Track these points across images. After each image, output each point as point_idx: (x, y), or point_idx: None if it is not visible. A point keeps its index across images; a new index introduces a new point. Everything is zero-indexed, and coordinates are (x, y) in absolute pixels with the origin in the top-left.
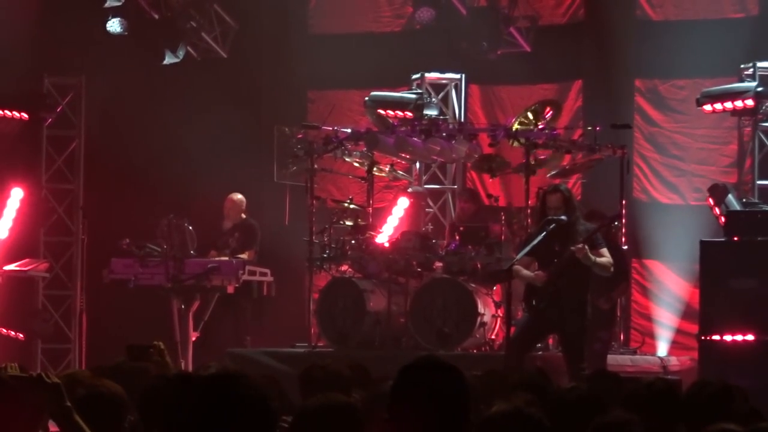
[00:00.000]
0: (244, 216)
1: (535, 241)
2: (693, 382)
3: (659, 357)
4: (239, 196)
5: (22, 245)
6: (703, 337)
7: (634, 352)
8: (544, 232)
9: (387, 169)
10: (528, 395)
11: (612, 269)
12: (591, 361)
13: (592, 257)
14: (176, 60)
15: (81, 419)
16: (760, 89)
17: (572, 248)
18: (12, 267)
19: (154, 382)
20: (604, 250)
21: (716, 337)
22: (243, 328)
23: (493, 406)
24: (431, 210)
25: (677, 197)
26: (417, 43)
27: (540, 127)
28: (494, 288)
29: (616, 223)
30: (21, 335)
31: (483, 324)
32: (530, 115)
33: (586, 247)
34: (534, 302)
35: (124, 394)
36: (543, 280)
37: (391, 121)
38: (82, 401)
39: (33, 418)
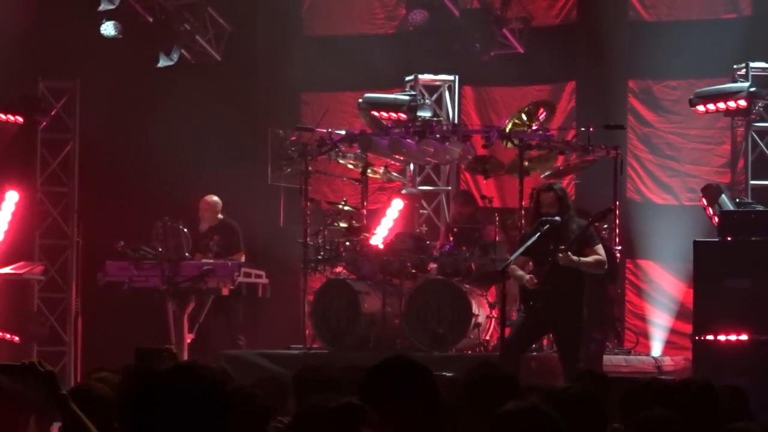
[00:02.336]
0: (221, 216)
1: (529, 242)
2: (679, 380)
3: (653, 357)
4: (214, 198)
5: (17, 248)
6: (697, 337)
7: (629, 353)
8: (538, 233)
9: (381, 170)
10: (538, 395)
11: (606, 266)
12: (586, 362)
13: (576, 259)
14: (170, 63)
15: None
16: (752, 89)
17: (557, 256)
18: (7, 270)
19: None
20: (599, 247)
21: (710, 337)
22: (235, 328)
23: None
24: (425, 211)
25: (671, 197)
26: (410, 44)
27: (533, 128)
28: (489, 289)
29: (608, 216)
30: (16, 338)
31: (477, 325)
32: (524, 117)
33: (569, 253)
34: (531, 302)
35: (113, 395)
36: (535, 285)
37: (384, 122)
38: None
39: (23, 414)
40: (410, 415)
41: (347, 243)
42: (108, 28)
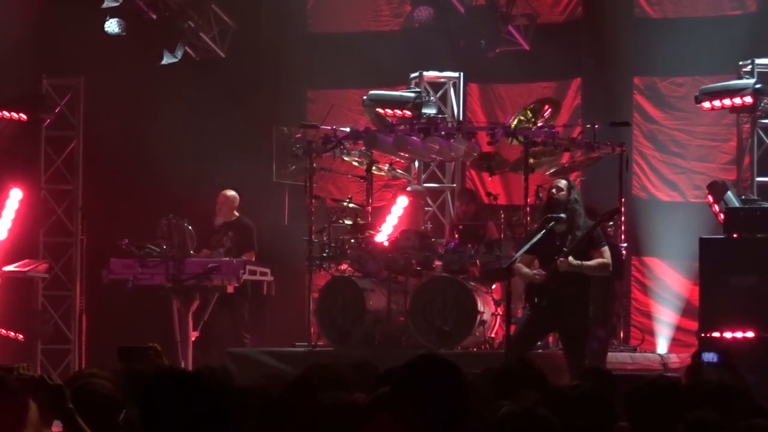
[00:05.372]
0: (237, 214)
1: (534, 239)
2: (689, 381)
3: (659, 354)
4: (232, 193)
5: (21, 246)
6: (703, 335)
7: (634, 350)
8: (544, 230)
9: (386, 168)
10: (534, 394)
11: (609, 269)
12: (589, 360)
13: (577, 264)
14: (174, 60)
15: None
16: (758, 86)
17: (557, 261)
18: (11, 268)
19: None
20: (604, 250)
21: (716, 334)
22: (241, 326)
23: (493, 405)
24: (430, 209)
25: (677, 194)
26: (415, 41)
27: (539, 125)
28: (494, 286)
29: (615, 217)
30: (21, 336)
31: (483, 322)
32: (529, 113)
33: (570, 258)
34: (536, 300)
35: (114, 390)
36: (543, 278)
37: (389, 120)
38: (73, 398)
39: (22, 409)
40: (440, 413)
41: (352, 240)
42: (112, 26)
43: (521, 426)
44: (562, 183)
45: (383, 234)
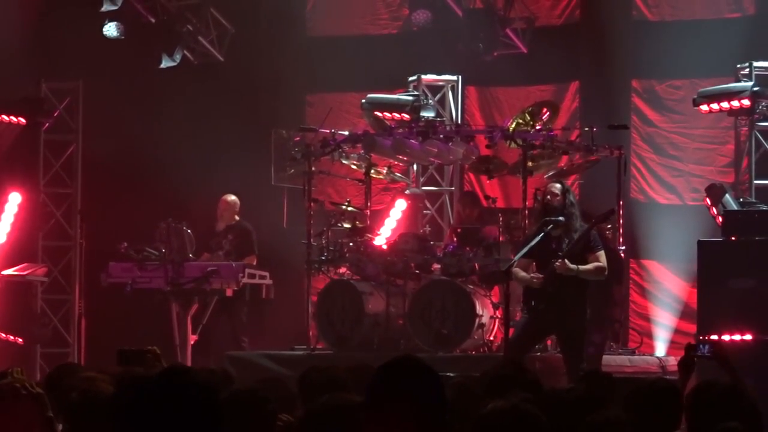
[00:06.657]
0: (237, 218)
1: (533, 243)
2: (698, 383)
3: (658, 357)
4: (233, 198)
5: (20, 250)
6: (701, 337)
7: (633, 353)
8: (542, 233)
9: (384, 171)
10: (525, 394)
11: (606, 273)
12: (586, 365)
13: (575, 268)
14: (173, 64)
15: (75, 422)
16: (756, 89)
17: (554, 265)
18: (10, 272)
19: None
20: (600, 254)
21: (714, 337)
22: (239, 330)
23: (482, 404)
24: (429, 212)
25: (675, 197)
26: (413, 45)
27: (537, 128)
28: (492, 289)
29: (610, 218)
30: (20, 340)
31: (481, 325)
32: (527, 117)
33: (566, 261)
34: (533, 303)
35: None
36: (540, 283)
37: (388, 123)
38: (75, 404)
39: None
40: (416, 416)
41: (351, 243)
42: (110, 29)
43: (507, 421)
44: (557, 188)
45: (382, 237)
